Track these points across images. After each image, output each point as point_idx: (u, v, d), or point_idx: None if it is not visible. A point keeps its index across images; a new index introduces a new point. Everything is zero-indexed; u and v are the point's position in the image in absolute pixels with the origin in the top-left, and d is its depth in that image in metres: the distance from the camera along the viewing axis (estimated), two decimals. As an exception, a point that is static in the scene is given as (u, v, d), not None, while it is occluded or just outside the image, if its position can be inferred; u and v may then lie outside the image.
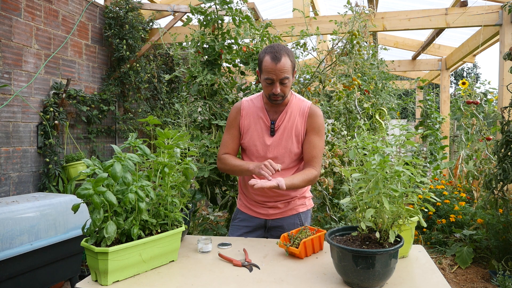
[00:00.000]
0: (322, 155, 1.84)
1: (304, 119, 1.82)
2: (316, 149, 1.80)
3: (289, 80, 1.71)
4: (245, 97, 1.97)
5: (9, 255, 1.99)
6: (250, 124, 1.86)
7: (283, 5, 6.07)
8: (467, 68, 24.67)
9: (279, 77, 1.68)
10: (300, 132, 1.82)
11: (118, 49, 4.59)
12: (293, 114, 1.83)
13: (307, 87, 3.39)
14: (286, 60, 1.68)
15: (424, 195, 1.24)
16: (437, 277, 1.30)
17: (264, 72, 1.71)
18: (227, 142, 1.91)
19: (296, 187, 1.72)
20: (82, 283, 1.27)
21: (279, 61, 1.66)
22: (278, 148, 1.82)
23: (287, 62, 1.68)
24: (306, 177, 1.75)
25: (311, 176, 1.77)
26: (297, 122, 1.82)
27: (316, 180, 1.81)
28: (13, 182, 3.47)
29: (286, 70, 1.68)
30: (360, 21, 3.13)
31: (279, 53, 1.68)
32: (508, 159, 3.06)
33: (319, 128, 1.82)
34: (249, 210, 1.95)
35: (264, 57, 1.71)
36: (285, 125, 1.82)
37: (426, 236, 4.04)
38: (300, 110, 1.83)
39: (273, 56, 1.67)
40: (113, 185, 1.29)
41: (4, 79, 3.37)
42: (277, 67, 1.66)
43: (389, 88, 4.48)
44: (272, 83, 1.71)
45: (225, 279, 1.30)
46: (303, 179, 1.73)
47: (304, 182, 1.74)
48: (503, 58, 3.18)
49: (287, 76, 1.69)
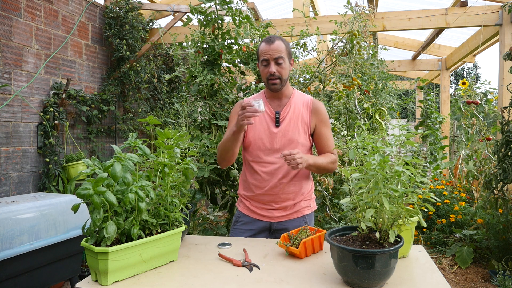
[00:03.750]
0: (333, 142, 1.96)
1: (309, 112, 1.86)
2: (329, 140, 1.90)
3: (284, 61, 1.77)
4: (246, 97, 1.99)
5: (9, 255, 1.99)
6: (254, 118, 1.84)
7: (283, 5, 6.06)
8: (467, 68, 24.67)
9: (273, 56, 1.75)
10: (307, 123, 1.86)
11: (118, 49, 4.59)
12: (297, 105, 1.87)
13: (307, 87, 3.39)
14: (280, 43, 1.77)
15: (424, 195, 1.24)
16: (437, 277, 1.30)
17: (260, 55, 1.80)
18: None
19: (320, 166, 1.80)
20: (82, 283, 1.27)
21: (272, 42, 1.76)
22: (284, 139, 1.82)
23: (281, 45, 1.77)
24: (328, 159, 1.83)
25: (332, 158, 1.86)
26: (303, 113, 1.86)
27: (336, 163, 1.90)
28: (13, 182, 3.47)
29: (280, 50, 1.76)
30: (360, 21, 3.13)
31: (273, 38, 1.79)
32: (508, 159, 3.06)
33: (327, 120, 1.90)
34: (253, 213, 1.90)
35: (260, 44, 1.83)
36: (291, 116, 1.84)
37: (426, 236, 4.04)
38: (304, 102, 1.88)
39: (267, 39, 1.79)
40: (113, 185, 1.29)
41: (4, 79, 3.38)
42: (271, 47, 1.76)
43: (389, 88, 4.47)
44: (268, 64, 1.77)
45: (225, 279, 1.30)
46: (326, 161, 1.82)
47: (327, 164, 1.82)
48: (503, 58, 3.18)
49: (281, 55, 1.76)
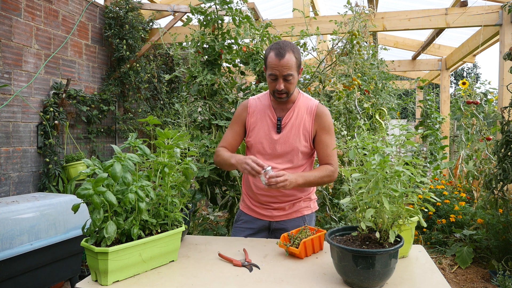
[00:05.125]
0: (336, 151, 1.87)
1: (312, 118, 1.81)
2: (330, 148, 1.81)
3: (293, 77, 1.71)
4: (253, 96, 1.96)
5: (9, 255, 1.99)
6: (257, 121, 1.85)
7: (283, 5, 6.06)
8: (467, 68, 24.67)
9: (283, 73, 1.68)
10: (308, 131, 1.81)
11: (118, 49, 4.59)
12: (301, 112, 1.82)
13: (307, 87, 3.39)
14: (291, 56, 1.68)
15: (424, 195, 1.24)
16: (437, 277, 1.30)
17: (269, 68, 1.72)
18: (226, 137, 1.92)
19: (313, 183, 1.73)
20: (82, 283, 1.27)
21: (283, 57, 1.66)
22: (285, 146, 1.80)
23: (291, 59, 1.68)
24: (321, 173, 1.75)
25: (327, 171, 1.77)
26: (305, 120, 1.81)
27: (334, 175, 1.81)
28: (13, 182, 3.47)
29: (290, 66, 1.68)
30: (360, 21, 3.13)
31: (284, 50, 1.67)
32: (508, 159, 3.06)
33: (329, 127, 1.82)
34: (253, 212, 1.91)
35: (269, 53, 1.72)
36: (293, 123, 1.80)
37: (426, 236, 4.04)
38: (308, 108, 1.82)
39: (277, 52, 1.68)
40: (113, 185, 1.29)
41: (4, 79, 3.37)
42: (281, 63, 1.66)
43: (389, 88, 4.47)
44: (276, 79, 1.71)
45: (225, 279, 1.30)
46: (319, 175, 1.74)
47: (320, 178, 1.75)
48: (503, 58, 3.18)
49: (291, 73, 1.69)
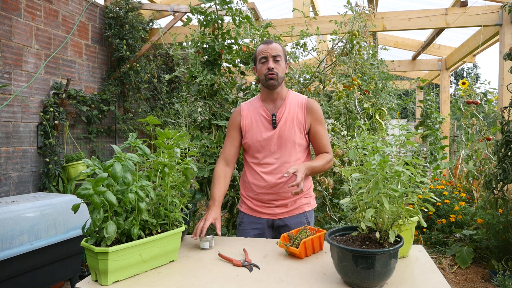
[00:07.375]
0: (329, 140, 2.02)
1: (304, 111, 1.93)
2: (324, 138, 1.96)
3: (281, 60, 1.88)
4: (243, 102, 2.10)
5: (9, 255, 1.99)
6: (252, 122, 1.95)
7: (283, 5, 6.07)
8: (467, 68, 24.67)
9: (272, 53, 1.87)
10: (302, 123, 1.92)
11: (118, 49, 4.59)
12: (292, 106, 1.94)
13: (307, 87, 3.39)
14: (277, 45, 1.90)
15: (424, 195, 1.24)
16: (437, 277, 1.30)
17: (259, 54, 1.90)
18: (225, 147, 2.01)
19: (316, 170, 1.87)
20: (82, 283, 1.27)
21: (271, 43, 1.90)
22: (281, 140, 1.89)
23: (278, 46, 1.90)
24: (324, 160, 1.91)
25: (327, 158, 1.93)
26: (298, 113, 1.92)
27: (332, 162, 1.97)
28: (13, 182, 3.47)
29: (278, 50, 1.88)
30: (360, 21, 3.13)
31: (271, 40, 1.94)
32: (508, 159, 3.06)
33: (321, 118, 1.97)
34: (254, 212, 1.97)
35: (257, 47, 1.95)
36: (286, 117, 1.91)
37: (426, 236, 4.04)
38: (298, 102, 1.95)
39: (266, 41, 1.93)
40: (113, 185, 1.29)
41: (4, 79, 3.38)
42: (269, 46, 1.88)
43: (389, 88, 4.47)
44: (266, 61, 1.87)
45: (225, 279, 1.30)
46: (321, 163, 1.89)
47: (323, 166, 1.90)
48: (503, 58, 3.18)
49: (279, 54, 1.88)
